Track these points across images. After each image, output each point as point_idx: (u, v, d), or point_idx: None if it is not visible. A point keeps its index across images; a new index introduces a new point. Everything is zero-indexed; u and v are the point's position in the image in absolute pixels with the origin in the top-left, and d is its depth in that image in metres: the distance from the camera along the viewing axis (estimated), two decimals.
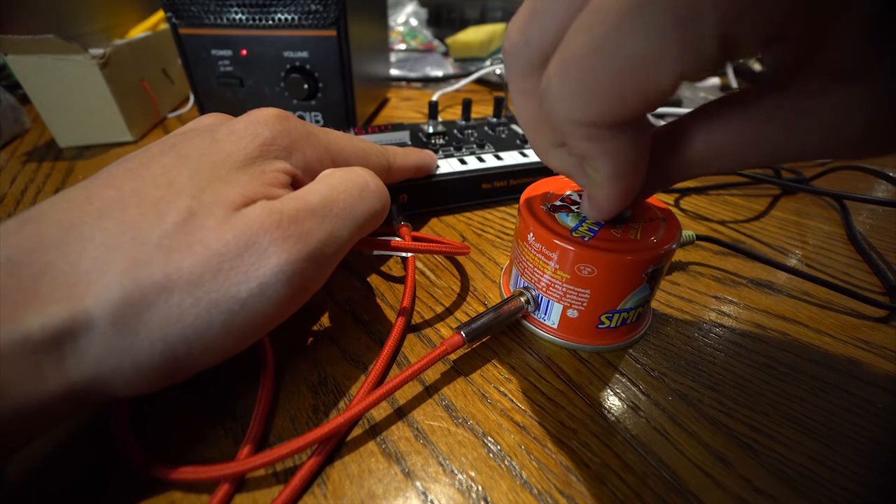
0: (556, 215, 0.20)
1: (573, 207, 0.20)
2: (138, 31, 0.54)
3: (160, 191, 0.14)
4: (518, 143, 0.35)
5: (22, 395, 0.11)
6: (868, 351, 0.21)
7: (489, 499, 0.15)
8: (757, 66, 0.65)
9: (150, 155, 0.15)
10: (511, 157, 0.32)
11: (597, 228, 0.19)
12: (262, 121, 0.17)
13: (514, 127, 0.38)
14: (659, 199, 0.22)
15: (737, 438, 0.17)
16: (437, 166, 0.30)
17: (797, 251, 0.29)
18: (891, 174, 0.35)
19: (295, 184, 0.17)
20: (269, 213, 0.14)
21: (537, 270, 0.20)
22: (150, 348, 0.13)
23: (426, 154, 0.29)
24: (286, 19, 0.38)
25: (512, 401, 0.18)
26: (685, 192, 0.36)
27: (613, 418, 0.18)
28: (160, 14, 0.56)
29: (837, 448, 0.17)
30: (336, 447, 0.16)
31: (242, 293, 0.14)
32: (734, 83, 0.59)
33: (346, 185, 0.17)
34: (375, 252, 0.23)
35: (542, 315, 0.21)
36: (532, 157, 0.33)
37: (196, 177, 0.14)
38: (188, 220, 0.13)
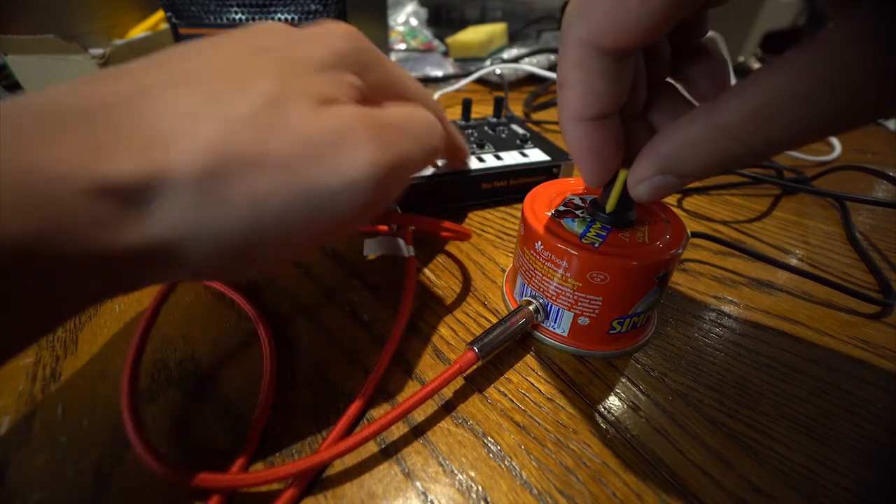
0: (562, 221, 0.19)
1: (578, 212, 0.20)
2: (138, 31, 0.54)
3: (240, 71, 0.14)
4: (518, 143, 0.35)
5: (96, 242, 0.11)
6: (868, 351, 0.21)
7: (489, 499, 0.15)
8: (756, 65, 0.65)
9: (220, 39, 0.15)
10: (511, 157, 0.32)
11: (605, 234, 0.18)
12: (340, 32, 0.17)
13: (514, 127, 0.38)
14: (661, 201, 0.21)
15: (737, 438, 0.17)
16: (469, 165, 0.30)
17: (797, 251, 0.29)
18: (891, 174, 0.35)
19: (363, 101, 0.17)
20: (359, 113, 0.15)
21: (546, 279, 0.19)
22: (232, 222, 0.12)
23: (466, 145, 0.28)
24: (286, 19, 0.38)
25: (512, 401, 0.18)
26: (686, 193, 0.36)
27: (613, 418, 0.18)
28: (160, 14, 0.56)
29: (837, 448, 0.17)
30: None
31: (333, 185, 0.13)
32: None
33: (420, 116, 0.18)
34: (372, 253, 0.23)
35: (552, 324, 0.20)
36: (532, 156, 0.33)
37: (276, 66, 0.14)
38: (276, 104, 0.13)
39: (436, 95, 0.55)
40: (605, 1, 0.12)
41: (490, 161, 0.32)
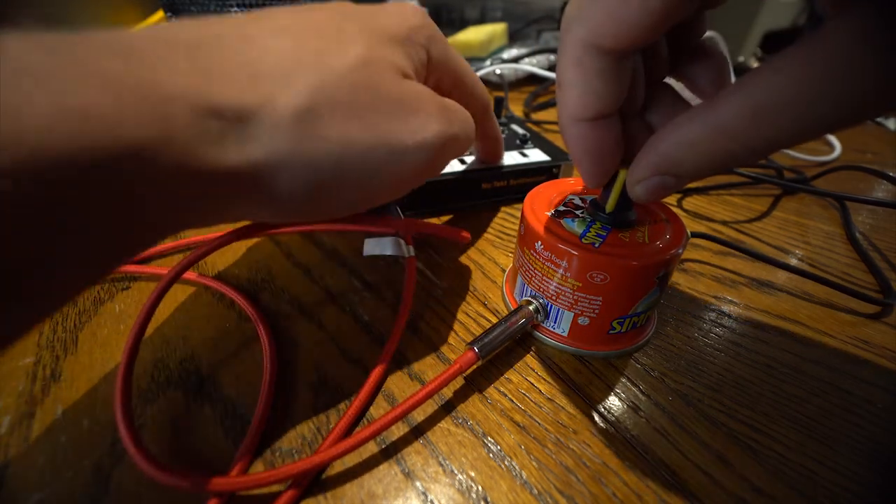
0: (562, 221, 0.19)
1: (577, 212, 0.20)
2: None
3: (333, 31, 0.15)
4: (518, 143, 0.35)
5: (202, 156, 0.12)
6: (868, 351, 0.21)
7: (489, 499, 0.15)
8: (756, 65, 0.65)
9: (307, 6, 0.16)
10: (511, 157, 0.32)
11: (605, 234, 0.18)
12: (412, 10, 0.19)
13: (514, 127, 0.38)
14: (661, 201, 0.21)
15: (737, 438, 0.17)
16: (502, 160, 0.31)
17: (797, 251, 0.29)
18: (891, 174, 0.35)
19: (426, 76, 0.19)
20: (431, 93, 0.17)
21: (546, 279, 0.19)
22: (321, 155, 0.14)
23: (502, 140, 0.30)
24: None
25: (512, 401, 0.18)
26: (686, 193, 0.36)
27: (613, 418, 0.18)
28: (160, 14, 0.56)
29: (837, 448, 0.17)
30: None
31: (408, 141, 0.16)
32: None
33: (464, 110, 0.20)
34: (367, 253, 0.23)
35: (552, 324, 0.20)
36: (532, 157, 0.33)
37: (364, 32, 0.16)
38: (367, 65, 0.15)
39: None
40: (604, 1, 0.12)
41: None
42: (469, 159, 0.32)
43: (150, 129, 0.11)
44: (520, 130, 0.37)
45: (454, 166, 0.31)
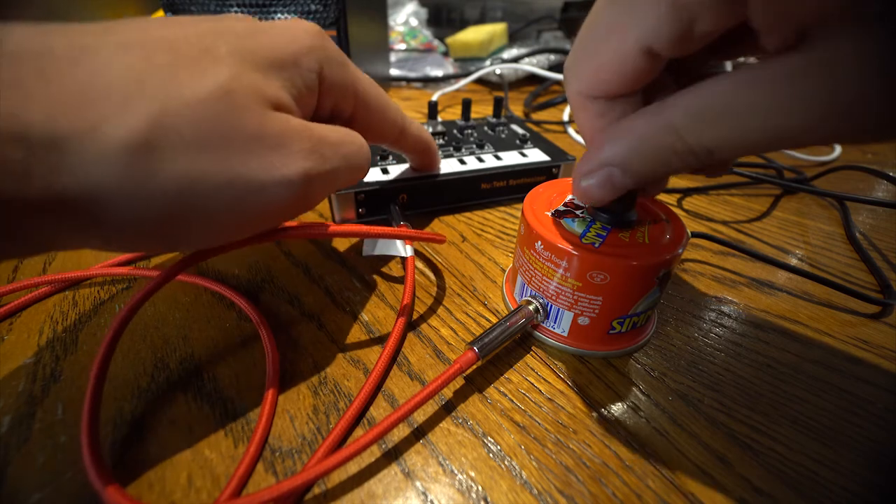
0: (562, 221, 0.19)
1: (578, 212, 0.20)
2: None
3: (195, 52, 0.14)
4: (517, 143, 0.35)
5: (7, 189, 0.11)
6: (868, 351, 0.21)
7: (489, 499, 0.15)
8: None
9: (180, 19, 0.15)
10: (511, 157, 0.32)
11: (605, 234, 0.18)
12: (304, 29, 0.17)
13: (514, 127, 0.38)
14: (661, 201, 0.22)
15: (737, 438, 0.17)
16: (439, 169, 0.30)
17: (797, 251, 0.29)
18: (891, 174, 0.35)
19: (318, 101, 0.18)
20: (304, 127, 0.16)
21: (546, 279, 0.19)
22: (157, 195, 0.13)
23: (437, 149, 0.29)
24: (286, 19, 0.38)
25: (512, 401, 0.18)
26: (686, 193, 0.36)
27: (613, 418, 0.18)
28: (160, 14, 0.56)
29: (837, 448, 0.17)
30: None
31: (265, 179, 0.14)
32: None
33: (354, 139, 0.19)
34: (367, 254, 0.23)
35: (552, 324, 0.20)
36: (532, 157, 0.33)
37: (235, 55, 0.14)
38: (227, 95, 0.14)
39: (435, 95, 0.55)
40: (589, 62, 0.14)
41: (490, 161, 0.32)
42: (468, 159, 0.32)
43: None
44: (519, 130, 0.37)
45: (454, 166, 0.31)
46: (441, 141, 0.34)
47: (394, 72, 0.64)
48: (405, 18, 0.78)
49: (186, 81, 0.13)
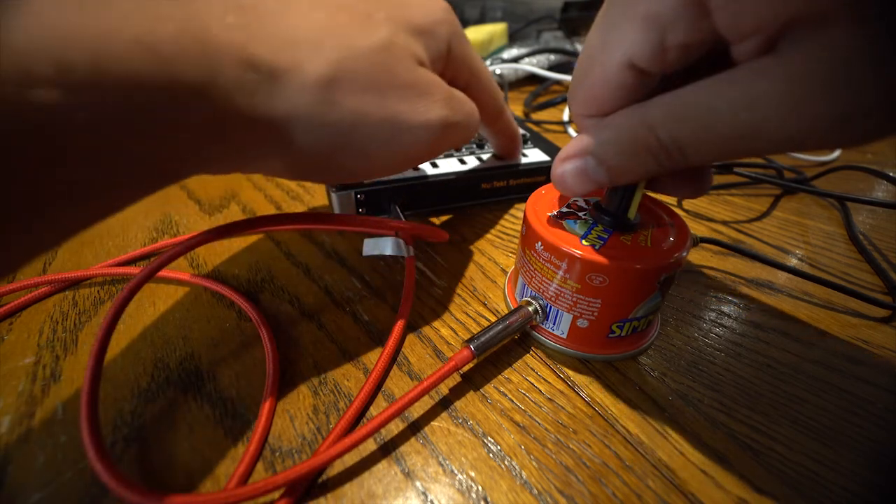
0: (563, 222, 0.19)
1: (580, 214, 0.20)
2: None
3: (362, 14, 0.17)
4: None
5: (239, 103, 0.13)
6: (868, 351, 0.21)
7: (489, 499, 0.15)
8: None
9: None
10: None
11: (606, 236, 0.18)
12: (440, 5, 0.20)
13: None
14: (666, 204, 0.21)
15: (737, 438, 0.17)
16: (519, 159, 0.32)
17: (798, 251, 0.29)
18: (891, 174, 0.35)
19: (444, 67, 0.20)
20: (441, 82, 0.19)
21: (546, 280, 0.19)
22: (336, 120, 0.15)
23: (521, 139, 0.31)
24: None
25: (512, 401, 0.18)
26: None
27: (613, 418, 0.18)
28: None
29: (837, 448, 0.17)
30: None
31: (413, 121, 0.17)
32: None
33: (471, 104, 0.21)
34: (367, 254, 0.23)
35: (551, 325, 0.20)
36: (532, 157, 0.33)
37: (391, 20, 0.17)
38: (388, 49, 0.16)
39: None
40: (582, 83, 0.16)
41: (490, 161, 0.32)
42: (468, 159, 0.32)
43: (198, 73, 0.12)
44: (519, 130, 0.37)
45: (454, 166, 0.31)
46: None
47: None
48: None
49: (359, 36, 0.16)
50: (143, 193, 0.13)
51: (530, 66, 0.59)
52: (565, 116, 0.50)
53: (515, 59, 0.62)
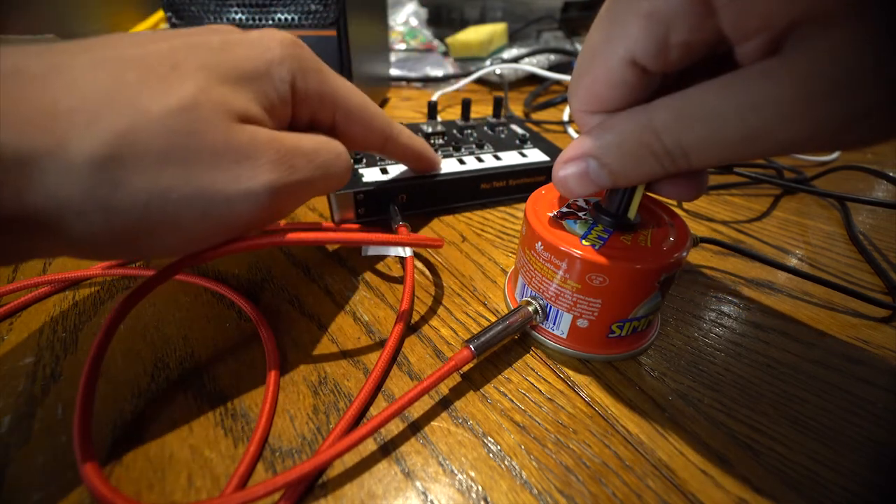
0: (563, 222, 0.19)
1: (580, 214, 0.20)
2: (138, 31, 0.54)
3: (164, 68, 0.14)
4: (517, 143, 0.35)
5: None
6: (868, 351, 0.21)
7: (489, 499, 0.15)
8: None
9: (158, 34, 0.15)
10: (510, 158, 0.32)
11: (606, 236, 0.18)
12: (277, 40, 0.17)
13: (514, 127, 0.38)
14: (666, 204, 0.21)
15: (737, 438, 0.17)
16: (440, 169, 0.30)
17: (798, 251, 0.29)
18: (891, 174, 0.35)
19: (294, 111, 0.18)
20: (272, 138, 0.16)
21: (546, 280, 0.19)
22: (124, 207, 0.13)
23: (432, 152, 0.29)
24: (286, 19, 0.38)
25: (512, 401, 0.18)
26: None
27: (613, 418, 0.18)
28: (160, 14, 0.56)
29: (837, 448, 0.17)
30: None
31: (230, 191, 0.15)
32: None
33: (330, 147, 0.19)
34: (367, 253, 0.23)
35: (551, 325, 0.20)
36: (531, 157, 0.33)
37: (204, 69, 0.15)
38: (192, 109, 0.14)
39: (435, 95, 0.55)
40: (584, 79, 0.15)
41: (489, 161, 0.32)
42: (468, 159, 0.32)
43: None
44: (519, 130, 0.37)
45: (453, 166, 0.31)
46: (441, 141, 0.34)
47: (394, 72, 0.64)
48: (405, 18, 0.78)
49: (153, 97, 0.13)
50: None
51: (530, 66, 0.59)
52: (565, 116, 0.50)
53: (515, 59, 0.62)
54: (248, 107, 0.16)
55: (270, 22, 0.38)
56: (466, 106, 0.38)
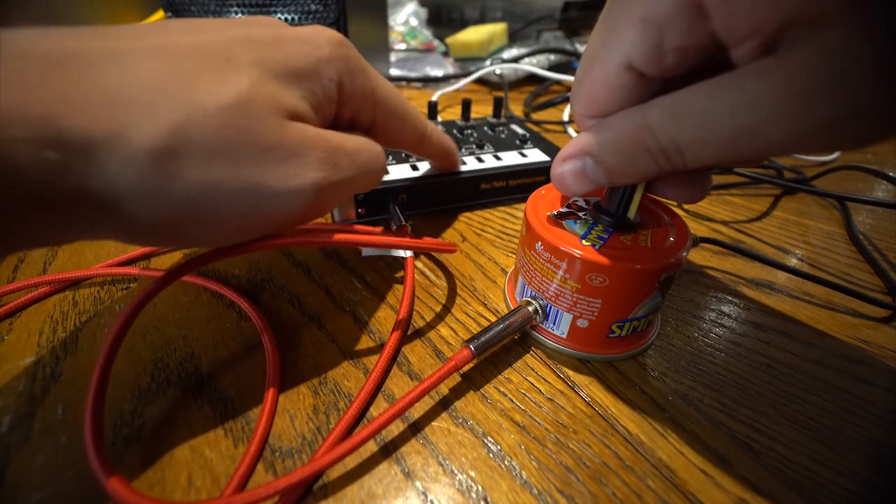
0: (563, 222, 0.19)
1: (580, 214, 0.20)
2: None
3: (219, 60, 0.14)
4: (517, 143, 0.35)
5: (39, 182, 0.11)
6: (868, 351, 0.21)
7: (489, 499, 0.15)
8: None
9: (208, 23, 0.16)
10: (510, 158, 0.32)
11: (606, 236, 0.18)
12: (326, 38, 0.17)
13: (514, 127, 0.38)
14: (666, 204, 0.21)
15: (737, 438, 0.17)
16: (463, 164, 0.31)
17: (798, 251, 0.29)
18: (891, 174, 0.35)
19: (337, 110, 0.19)
20: (320, 136, 0.16)
21: (546, 280, 0.19)
22: (176, 197, 0.13)
23: (457, 151, 0.30)
24: (286, 19, 0.38)
25: (512, 401, 0.18)
26: None
27: (613, 418, 0.18)
28: (160, 14, 0.56)
29: (837, 448, 0.17)
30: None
31: (279, 188, 0.15)
32: None
33: (369, 147, 0.19)
34: (367, 254, 0.23)
35: (551, 325, 0.20)
36: (531, 157, 0.33)
37: (257, 64, 0.15)
38: (246, 105, 0.14)
39: (435, 95, 0.55)
40: (583, 83, 0.15)
41: (489, 161, 0.32)
42: (468, 160, 0.32)
43: None
44: (519, 130, 0.37)
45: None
46: None
47: (394, 72, 0.64)
48: (405, 18, 0.78)
49: (208, 90, 0.14)
50: None
51: (530, 66, 0.59)
52: (565, 116, 0.50)
53: (515, 59, 0.62)
54: (298, 104, 0.16)
55: None
56: (466, 106, 0.38)
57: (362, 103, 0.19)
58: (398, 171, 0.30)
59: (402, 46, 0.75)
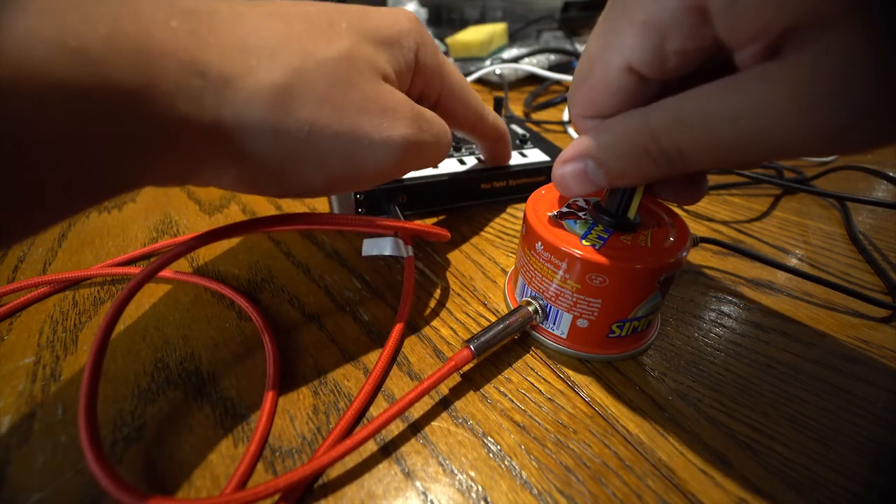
0: (563, 222, 0.19)
1: (580, 214, 0.20)
2: None
3: (323, 24, 0.16)
4: (517, 143, 0.35)
5: (182, 109, 0.13)
6: (868, 351, 0.21)
7: (489, 499, 0.15)
8: None
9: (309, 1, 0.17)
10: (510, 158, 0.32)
11: (606, 236, 0.18)
12: (405, 15, 0.19)
13: (514, 127, 0.38)
14: (666, 204, 0.21)
15: (737, 438, 0.17)
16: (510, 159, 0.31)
17: (798, 251, 0.29)
18: (891, 174, 0.35)
19: (412, 80, 0.20)
20: (406, 99, 0.18)
21: (546, 280, 0.19)
22: (291, 130, 0.15)
23: (509, 138, 0.30)
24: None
25: (512, 401, 0.18)
26: None
27: (613, 418, 0.18)
28: None
29: (837, 448, 0.17)
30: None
31: (373, 136, 0.17)
32: None
33: (440, 121, 0.21)
34: (367, 254, 0.23)
35: (551, 325, 0.20)
36: (531, 157, 0.33)
37: (354, 29, 0.17)
38: (347, 60, 0.16)
39: None
40: (582, 85, 0.15)
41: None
42: (468, 159, 0.32)
43: (134, 77, 0.12)
44: (519, 130, 0.37)
45: (454, 166, 0.31)
46: None
47: None
48: None
49: (318, 45, 0.16)
50: (85, 204, 0.13)
51: (530, 66, 0.59)
52: (565, 116, 0.50)
53: (515, 59, 0.62)
54: (386, 68, 0.17)
55: None
56: None
57: (431, 77, 0.20)
58: None
59: None
